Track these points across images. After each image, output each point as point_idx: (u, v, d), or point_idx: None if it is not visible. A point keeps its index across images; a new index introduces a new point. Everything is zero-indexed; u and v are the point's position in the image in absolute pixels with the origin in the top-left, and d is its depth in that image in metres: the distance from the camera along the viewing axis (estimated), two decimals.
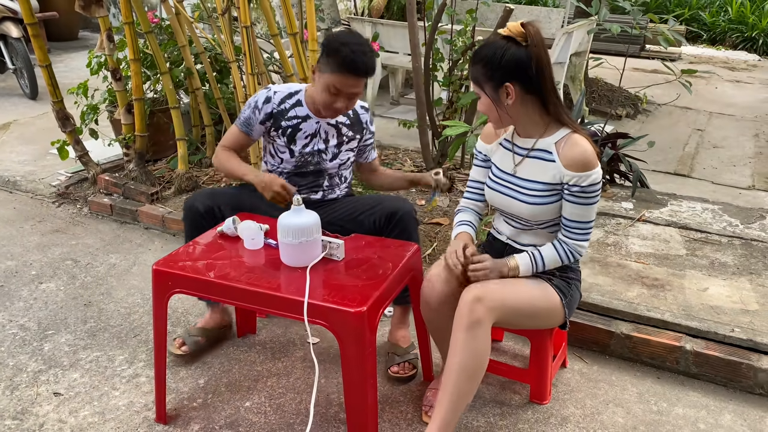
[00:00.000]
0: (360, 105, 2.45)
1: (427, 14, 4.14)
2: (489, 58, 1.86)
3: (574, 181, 1.89)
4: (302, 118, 2.37)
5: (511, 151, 2.04)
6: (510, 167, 2.03)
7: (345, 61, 2.13)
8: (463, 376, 1.87)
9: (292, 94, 2.38)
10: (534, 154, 1.98)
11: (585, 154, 1.88)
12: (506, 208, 2.06)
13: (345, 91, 2.20)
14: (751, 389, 2.31)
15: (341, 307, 1.75)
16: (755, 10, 9.78)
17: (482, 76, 1.89)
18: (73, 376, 2.38)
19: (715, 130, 5.84)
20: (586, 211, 1.94)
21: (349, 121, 2.43)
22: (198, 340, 2.48)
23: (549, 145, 1.94)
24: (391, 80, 6.10)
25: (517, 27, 1.84)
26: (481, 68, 1.88)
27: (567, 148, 1.91)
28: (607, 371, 2.43)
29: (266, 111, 2.36)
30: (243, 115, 2.41)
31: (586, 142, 1.90)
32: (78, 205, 3.82)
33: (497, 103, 1.90)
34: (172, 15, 3.74)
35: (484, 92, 1.91)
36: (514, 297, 1.95)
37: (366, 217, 2.33)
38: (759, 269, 2.85)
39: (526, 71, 1.84)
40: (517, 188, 2.00)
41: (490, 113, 1.95)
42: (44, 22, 8.10)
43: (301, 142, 2.38)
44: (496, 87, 1.88)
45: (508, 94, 1.88)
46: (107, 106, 4.22)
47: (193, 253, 2.06)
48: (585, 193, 1.90)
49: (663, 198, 3.61)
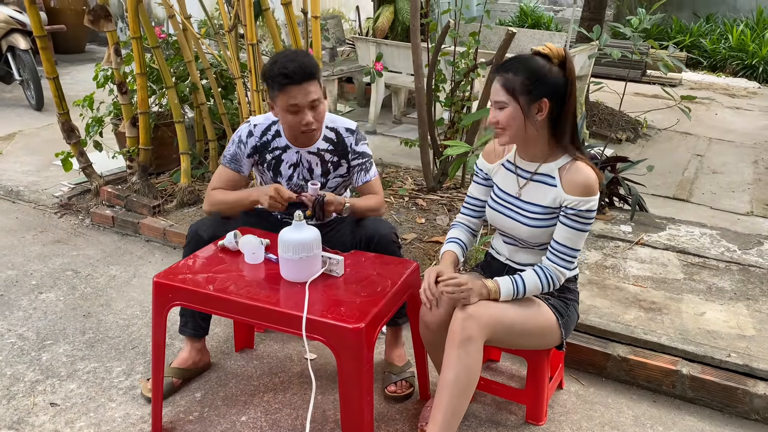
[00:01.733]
0: (345, 127, 2.38)
1: (431, 36, 4.19)
2: (534, 71, 1.87)
3: (573, 204, 1.92)
4: (282, 149, 2.34)
5: (515, 173, 2.06)
6: (514, 189, 2.06)
7: (280, 74, 2.10)
8: (456, 391, 1.89)
9: (271, 125, 2.34)
10: (537, 178, 2.01)
11: (588, 180, 1.92)
12: (507, 229, 2.08)
13: (301, 102, 2.14)
14: (747, 415, 2.31)
15: (339, 323, 1.76)
16: (755, 39, 9.87)
17: (521, 86, 1.87)
18: (70, 386, 2.38)
19: (715, 156, 5.87)
20: (577, 237, 1.96)
21: (331, 146, 2.36)
22: (171, 382, 2.34)
23: (552, 170, 1.97)
24: (394, 99, 6.16)
25: (559, 50, 1.89)
26: (523, 79, 1.87)
27: (570, 174, 1.94)
28: (603, 393, 2.43)
29: (251, 145, 2.34)
30: (228, 152, 2.36)
31: (589, 169, 1.94)
32: (80, 217, 3.85)
33: (526, 117, 1.90)
34: (179, 31, 3.79)
35: (517, 103, 1.89)
36: (507, 315, 1.96)
37: (348, 239, 2.32)
38: (756, 295, 2.86)
39: (562, 93, 1.89)
40: (520, 211, 2.03)
41: (514, 125, 1.92)
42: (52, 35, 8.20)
43: (286, 173, 2.36)
44: (533, 100, 1.88)
45: (540, 110, 1.90)
46: (112, 118, 4.26)
47: (194, 266, 2.07)
48: (580, 218, 1.93)
49: (662, 222, 3.63)
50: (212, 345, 2.62)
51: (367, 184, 2.41)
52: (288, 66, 2.10)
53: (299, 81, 2.12)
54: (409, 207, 3.79)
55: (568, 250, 1.96)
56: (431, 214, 3.70)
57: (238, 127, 2.42)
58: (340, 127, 2.37)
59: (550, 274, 1.98)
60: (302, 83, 2.13)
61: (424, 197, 3.91)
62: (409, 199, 3.89)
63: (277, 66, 2.12)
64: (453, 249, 2.13)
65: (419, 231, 3.48)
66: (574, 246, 1.97)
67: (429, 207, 3.79)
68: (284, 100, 2.15)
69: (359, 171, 2.40)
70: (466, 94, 3.83)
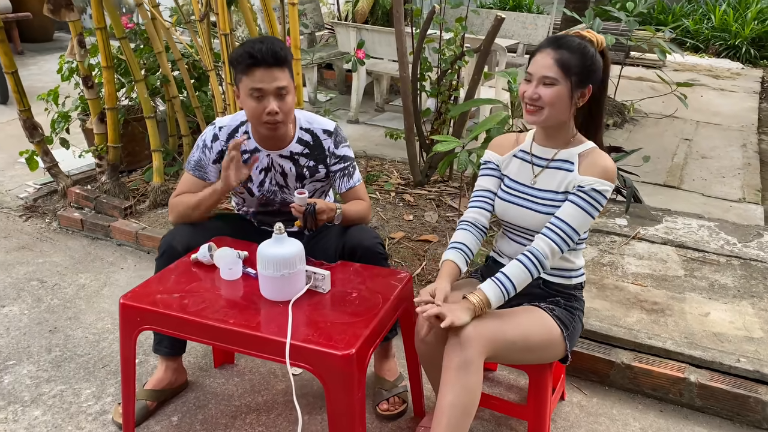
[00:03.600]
0: (322, 129, 2.17)
1: (415, 21, 3.99)
2: (591, 56, 1.79)
3: (588, 183, 1.80)
4: (251, 152, 2.15)
5: (530, 162, 1.93)
6: (528, 179, 1.93)
7: (247, 54, 1.93)
8: (455, 414, 1.73)
9: (239, 126, 2.15)
10: (554, 164, 1.88)
11: (607, 166, 1.82)
12: (518, 220, 1.93)
13: (266, 87, 1.95)
14: (759, 424, 2.19)
15: (327, 350, 1.59)
16: (738, 18, 9.78)
17: (577, 67, 1.77)
18: (35, 413, 2.19)
19: (703, 140, 5.76)
20: (581, 217, 1.80)
21: (306, 149, 2.16)
22: (146, 405, 2.16)
23: (572, 156, 1.86)
24: (376, 87, 5.96)
25: (600, 38, 1.82)
26: (579, 60, 1.77)
27: (590, 158, 1.84)
28: (607, 404, 2.30)
29: (217, 149, 2.14)
30: (192, 158, 2.17)
31: (609, 158, 1.84)
32: (47, 220, 3.62)
33: (570, 99, 1.80)
34: (148, 20, 3.55)
35: (569, 81, 1.77)
36: (508, 330, 1.80)
37: (331, 248, 2.14)
38: (760, 292, 2.75)
39: (603, 82, 1.85)
40: (533, 198, 1.90)
41: (558, 105, 1.79)
42: (18, 23, 7.86)
43: (257, 178, 2.17)
44: (582, 84, 1.79)
45: (583, 96, 1.81)
46: (79, 114, 4.02)
47: (165, 284, 1.88)
48: (590, 197, 1.80)
49: (657, 214, 3.50)
50: (189, 361, 2.44)
51: (352, 191, 2.22)
52: (255, 46, 1.92)
53: (266, 64, 1.93)
54: (395, 203, 3.61)
55: (569, 228, 1.80)
56: (419, 210, 3.53)
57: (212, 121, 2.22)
58: (316, 129, 2.18)
59: (535, 255, 1.79)
60: (270, 68, 1.94)
61: (411, 192, 3.74)
62: (396, 195, 3.72)
63: (245, 47, 1.94)
64: (453, 258, 1.92)
65: (407, 229, 3.31)
66: (576, 226, 1.80)
67: (416, 202, 3.62)
68: (247, 83, 1.95)
69: (341, 176, 2.21)
70: (453, 83, 3.65)
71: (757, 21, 9.58)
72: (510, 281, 1.78)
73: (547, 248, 1.80)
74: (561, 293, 1.97)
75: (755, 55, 9.33)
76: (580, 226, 1.81)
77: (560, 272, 1.96)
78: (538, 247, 1.81)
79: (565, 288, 1.97)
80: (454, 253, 1.94)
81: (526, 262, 1.80)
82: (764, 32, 9.44)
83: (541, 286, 1.96)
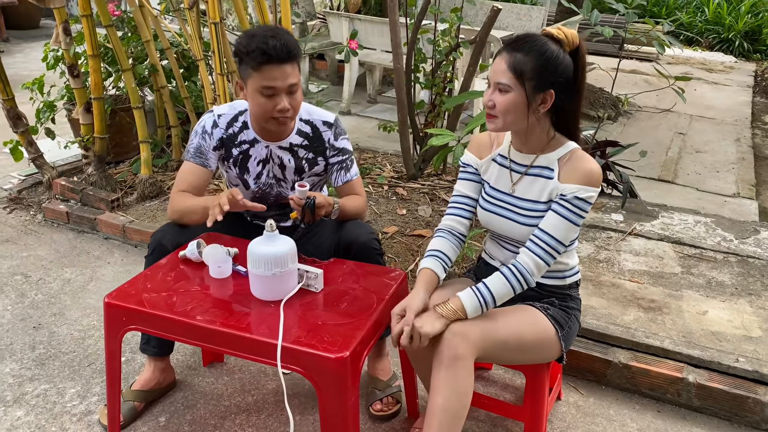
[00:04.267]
0: (323, 120, 2.11)
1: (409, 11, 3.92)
2: (548, 57, 1.65)
3: (570, 191, 1.72)
4: (250, 143, 2.08)
5: (508, 168, 1.84)
6: (507, 186, 1.84)
7: (259, 51, 1.83)
8: (446, 417, 1.68)
9: (238, 116, 2.08)
10: (533, 171, 1.79)
11: (589, 170, 1.72)
12: (502, 230, 1.86)
13: (278, 85, 1.87)
14: (758, 425, 2.16)
15: (320, 352, 1.53)
16: (731, 12, 9.76)
17: (531, 71, 1.65)
18: (17, 414, 2.12)
19: (697, 134, 5.74)
20: (565, 227, 1.72)
21: (306, 141, 2.10)
22: (133, 406, 2.10)
23: (551, 162, 1.76)
24: (369, 78, 5.88)
25: (573, 36, 1.68)
26: (534, 64, 1.65)
27: (570, 163, 1.73)
28: (604, 404, 2.26)
29: (217, 137, 2.07)
30: (192, 145, 2.08)
31: (592, 160, 1.74)
32: (31, 212, 3.54)
33: (529, 105, 1.68)
34: (136, 8, 3.46)
35: (523, 88, 1.66)
36: (500, 330, 1.74)
37: (325, 243, 2.09)
38: (758, 289, 2.71)
39: (571, 85, 1.69)
40: (514, 208, 1.81)
41: (512, 113, 1.69)
42: (3, 9, 7.71)
43: (254, 171, 2.10)
44: (540, 89, 1.67)
45: (544, 102, 1.69)
46: (65, 103, 3.93)
47: (152, 282, 1.82)
48: (573, 205, 1.71)
49: (653, 210, 3.46)
50: (177, 359, 2.38)
51: (349, 184, 2.15)
52: (269, 42, 1.82)
53: (279, 61, 1.85)
54: (388, 197, 3.55)
55: (552, 240, 1.72)
56: (412, 204, 3.48)
57: (203, 112, 2.14)
58: (316, 120, 2.11)
59: (520, 270, 1.73)
60: (282, 64, 1.85)
61: (405, 185, 3.68)
62: (389, 188, 3.66)
63: (256, 41, 1.83)
64: (431, 266, 1.83)
65: (400, 223, 3.26)
66: (560, 237, 1.73)
67: (410, 196, 3.56)
68: (258, 81, 1.87)
69: (339, 169, 2.14)
70: (448, 74, 3.59)
71: (750, 14, 9.57)
72: (490, 294, 1.72)
73: (531, 263, 1.73)
74: (555, 294, 1.92)
75: (748, 49, 9.31)
76: (564, 237, 1.74)
77: (553, 274, 1.89)
78: (523, 262, 1.74)
79: (560, 288, 1.92)
80: (431, 261, 1.85)
81: (509, 277, 1.73)
82: (757, 26, 9.43)
83: (535, 288, 1.89)
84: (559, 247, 1.74)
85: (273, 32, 1.86)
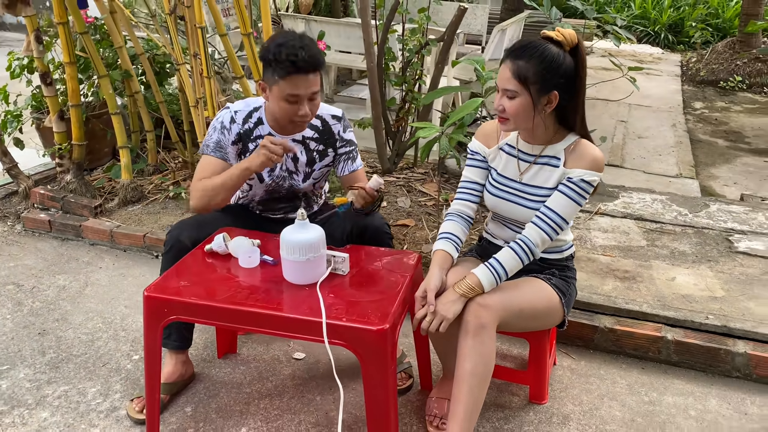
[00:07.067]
0: (331, 114, 2.26)
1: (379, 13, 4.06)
2: (549, 61, 1.80)
3: (577, 174, 1.90)
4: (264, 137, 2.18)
5: (516, 157, 2.02)
6: (515, 174, 2.02)
7: (289, 62, 1.96)
8: (475, 381, 1.86)
9: (253, 112, 2.20)
10: (541, 161, 1.98)
11: (596, 158, 1.91)
12: (510, 214, 2.05)
13: (302, 93, 2.02)
14: (729, 373, 2.43)
15: (362, 326, 1.67)
16: (656, 6, 10.37)
17: (534, 76, 1.81)
18: (42, 415, 2.16)
19: (637, 122, 6.13)
20: (570, 206, 1.91)
21: (317, 134, 2.24)
22: (161, 398, 2.11)
23: (558, 152, 1.95)
24: (324, 78, 5.99)
25: (572, 36, 1.82)
26: (537, 69, 1.80)
27: (577, 151, 1.92)
28: (594, 365, 2.49)
29: (235, 131, 2.18)
30: (210, 140, 2.18)
31: (596, 148, 1.93)
32: (9, 222, 3.49)
33: (535, 107, 1.85)
34: (107, 14, 3.48)
35: (528, 93, 1.83)
36: (516, 299, 1.94)
37: (337, 231, 2.20)
38: (715, 256, 3.01)
39: (573, 84, 1.84)
40: (523, 194, 1.99)
41: (522, 115, 1.86)
42: None
43: None
44: (545, 91, 1.83)
45: (550, 102, 1.85)
46: (32, 112, 3.88)
47: (186, 275, 1.91)
48: (578, 187, 1.90)
49: (614, 190, 3.74)
50: (192, 353, 2.45)
51: (354, 174, 2.30)
52: (298, 54, 1.95)
53: (306, 71, 1.98)
54: None
55: (558, 218, 1.92)
56: (391, 197, 3.63)
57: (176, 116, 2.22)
58: (325, 115, 2.25)
59: (527, 243, 1.92)
60: (308, 74, 1.99)
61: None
62: None
63: (285, 51, 1.95)
64: (445, 248, 2.01)
65: (383, 215, 3.41)
66: (565, 215, 1.92)
67: (387, 189, 3.72)
68: (285, 88, 2.00)
69: (346, 159, 2.29)
70: (418, 72, 3.76)
71: (672, 8, 10.19)
72: (503, 267, 1.91)
73: (537, 237, 1.93)
74: (555, 266, 2.12)
75: (673, 41, 9.93)
76: (568, 216, 1.94)
77: (554, 248, 2.10)
78: (530, 236, 1.93)
79: (559, 261, 2.13)
80: (444, 243, 2.03)
81: (518, 250, 1.93)
82: (680, 19, 10.06)
83: (537, 262, 2.09)
84: (563, 224, 1.94)
85: (302, 42, 1.99)
